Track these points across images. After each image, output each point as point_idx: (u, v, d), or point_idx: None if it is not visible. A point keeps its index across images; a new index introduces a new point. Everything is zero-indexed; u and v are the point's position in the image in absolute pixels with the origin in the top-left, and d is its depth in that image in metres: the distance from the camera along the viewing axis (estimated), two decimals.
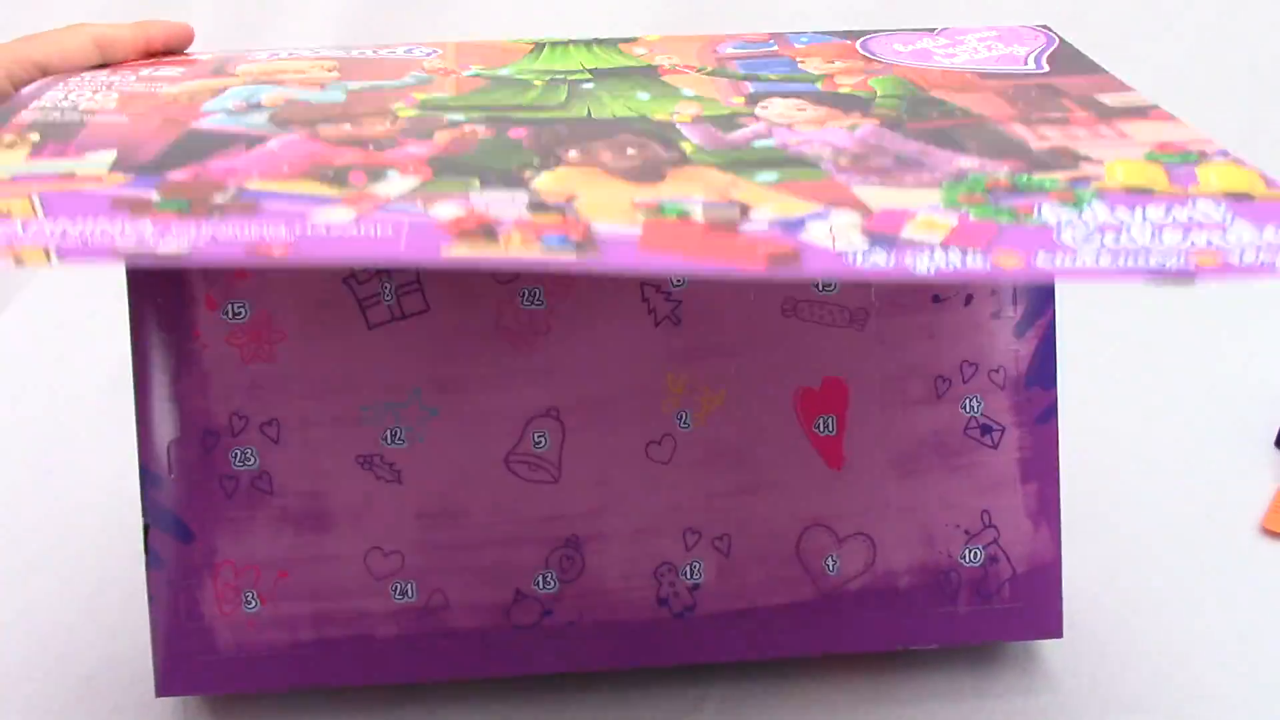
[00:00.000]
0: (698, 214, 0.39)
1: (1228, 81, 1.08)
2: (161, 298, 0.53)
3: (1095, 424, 0.73)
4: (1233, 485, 0.71)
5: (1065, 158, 0.44)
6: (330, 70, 0.54)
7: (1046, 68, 0.54)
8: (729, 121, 0.48)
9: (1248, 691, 0.57)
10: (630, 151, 0.45)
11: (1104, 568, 0.64)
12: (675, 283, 0.54)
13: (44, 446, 0.76)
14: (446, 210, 0.39)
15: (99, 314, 0.76)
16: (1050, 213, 0.39)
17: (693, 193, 0.41)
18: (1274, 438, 0.74)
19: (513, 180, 0.42)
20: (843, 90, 0.52)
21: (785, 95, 0.51)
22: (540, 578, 0.55)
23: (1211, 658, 0.59)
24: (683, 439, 0.55)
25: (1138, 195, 0.40)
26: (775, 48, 0.58)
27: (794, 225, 0.38)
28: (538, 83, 0.53)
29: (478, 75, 0.54)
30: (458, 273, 0.53)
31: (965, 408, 0.56)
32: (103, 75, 0.53)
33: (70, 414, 0.79)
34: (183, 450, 0.53)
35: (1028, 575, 0.57)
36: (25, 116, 0.47)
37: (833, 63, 0.55)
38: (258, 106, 0.49)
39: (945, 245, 0.37)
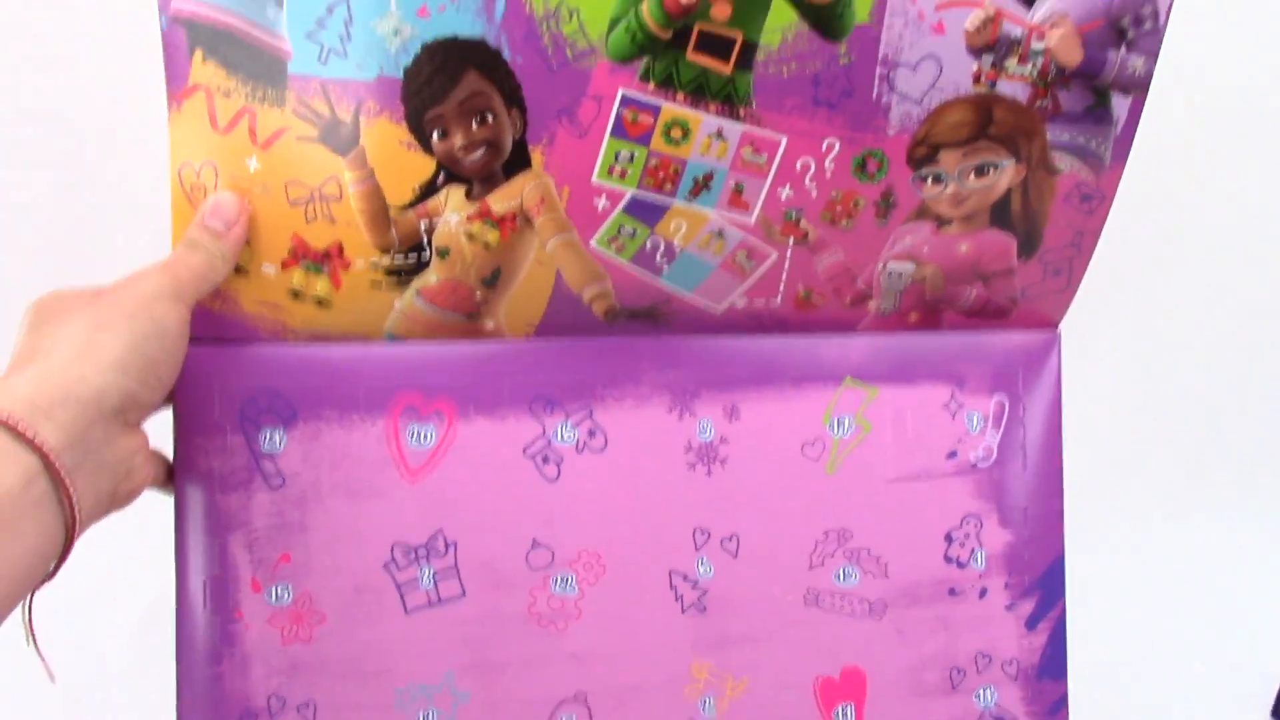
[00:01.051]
0: None
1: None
2: (208, 577, 0.54)
3: (1096, 699, 0.75)
4: None
5: None
6: None
7: None
8: None
9: None
10: None
11: None
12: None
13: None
14: None
15: (128, 564, 0.77)
16: None
17: None
18: (1271, 706, 0.76)
19: None
20: None
21: None
22: None
23: None
24: None
25: None
26: None
27: None
28: None
29: None
30: (493, 561, 0.55)
31: (979, 699, 0.58)
32: None
33: (103, 681, 0.79)
34: None
35: None
36: None
37: None
38: None
39: None
